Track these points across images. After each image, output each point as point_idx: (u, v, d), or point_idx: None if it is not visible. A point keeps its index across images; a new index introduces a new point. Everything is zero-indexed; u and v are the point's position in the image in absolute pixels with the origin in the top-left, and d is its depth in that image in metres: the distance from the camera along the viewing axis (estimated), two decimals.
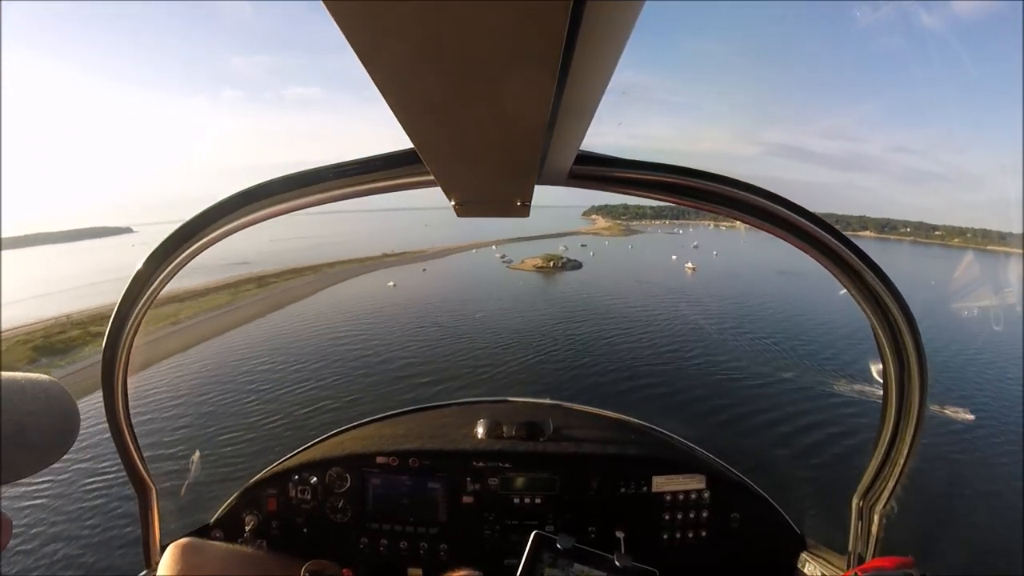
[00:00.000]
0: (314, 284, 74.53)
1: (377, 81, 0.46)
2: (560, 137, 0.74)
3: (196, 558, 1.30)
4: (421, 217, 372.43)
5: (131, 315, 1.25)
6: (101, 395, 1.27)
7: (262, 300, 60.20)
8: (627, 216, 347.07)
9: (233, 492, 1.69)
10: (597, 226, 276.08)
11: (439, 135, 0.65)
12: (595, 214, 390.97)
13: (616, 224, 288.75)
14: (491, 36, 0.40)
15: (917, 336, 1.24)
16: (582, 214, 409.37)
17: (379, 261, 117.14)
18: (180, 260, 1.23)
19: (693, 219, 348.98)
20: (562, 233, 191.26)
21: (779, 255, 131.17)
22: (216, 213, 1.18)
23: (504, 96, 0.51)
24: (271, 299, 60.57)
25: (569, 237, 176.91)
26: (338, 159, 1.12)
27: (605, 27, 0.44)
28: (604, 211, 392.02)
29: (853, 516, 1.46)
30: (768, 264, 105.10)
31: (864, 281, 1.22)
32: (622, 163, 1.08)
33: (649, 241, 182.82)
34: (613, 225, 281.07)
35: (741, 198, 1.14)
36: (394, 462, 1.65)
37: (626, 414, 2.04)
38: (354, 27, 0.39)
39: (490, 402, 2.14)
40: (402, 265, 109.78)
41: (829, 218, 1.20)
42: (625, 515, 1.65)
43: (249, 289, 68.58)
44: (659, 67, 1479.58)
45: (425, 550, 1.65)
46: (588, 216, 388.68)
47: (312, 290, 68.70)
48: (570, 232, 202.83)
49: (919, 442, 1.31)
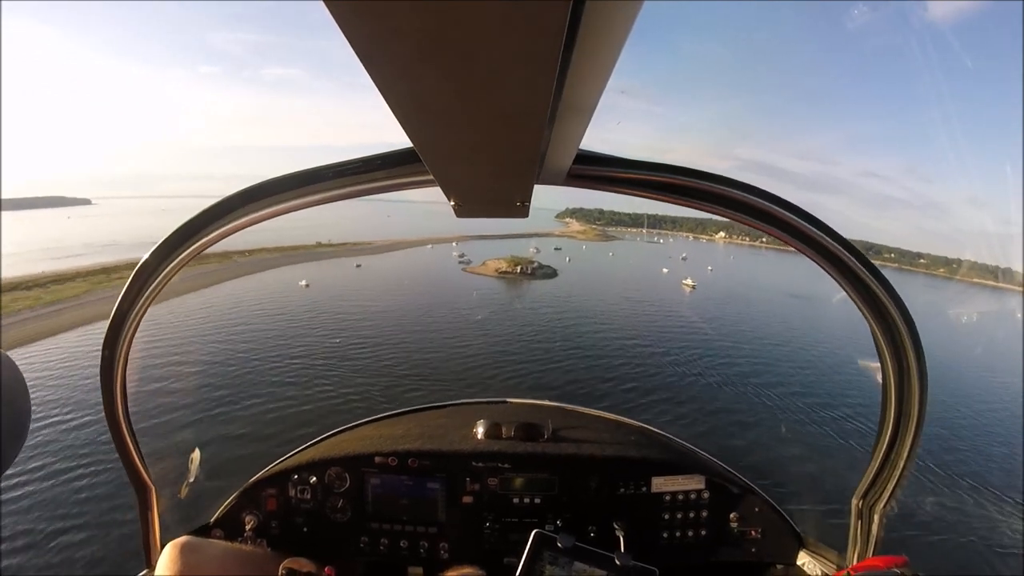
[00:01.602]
0: (212, 276, 59.14)
1: (377, 81, 0.46)
2: (559, 137, 0.74)
3: (195, 557, 1.31)
4: (385, 208, 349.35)
5: (130, 314, 1.25)
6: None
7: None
8: (603, 221, 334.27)
9: (231, 492, 1.70)
10: (571, 229, 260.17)
11: (438, 135, 0.65)
12: (569, 217, 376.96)
13: (592, 228, 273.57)
14: (491, 36, 0.40)
15: (916, 337, 1.25)
16: (556, 216, 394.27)
17: (310, 252, 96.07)
18: (180, 260, 1.22)
19: (670, 229, 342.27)
20: (533, 234, 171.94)
21: (778, 272, 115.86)
22: (217, 212, 1.18)
23: (504, 96, 0.51)
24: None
25: (541, 239, 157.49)
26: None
27: (604, 27, 0.44)
28: (579, 215, 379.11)
29: (853, 516, 1.48)
30: (775, 284, 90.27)
31: (863, 283, 1.23)
32: (621, 163, 1.08)
33: (631, 249, 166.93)
34: (588, 229, 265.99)
35: (741, 199, 1.13)
36: (393, 462, 1.66)
37: (625, 415, 2.03)
38: (354, 27, 0.38)
39: (489, 403, 2.15)
40: (337, 258, 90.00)
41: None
42: (624, 515, 1.66)
43: (122, 277, 53.89)
44: (640, 74, 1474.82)
45: (425, 549, 1.66)
46: (562, 219, 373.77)
47: (203, 284, 53.82)
48: (542, 233, 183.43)
49: (919, 443, 1.33)
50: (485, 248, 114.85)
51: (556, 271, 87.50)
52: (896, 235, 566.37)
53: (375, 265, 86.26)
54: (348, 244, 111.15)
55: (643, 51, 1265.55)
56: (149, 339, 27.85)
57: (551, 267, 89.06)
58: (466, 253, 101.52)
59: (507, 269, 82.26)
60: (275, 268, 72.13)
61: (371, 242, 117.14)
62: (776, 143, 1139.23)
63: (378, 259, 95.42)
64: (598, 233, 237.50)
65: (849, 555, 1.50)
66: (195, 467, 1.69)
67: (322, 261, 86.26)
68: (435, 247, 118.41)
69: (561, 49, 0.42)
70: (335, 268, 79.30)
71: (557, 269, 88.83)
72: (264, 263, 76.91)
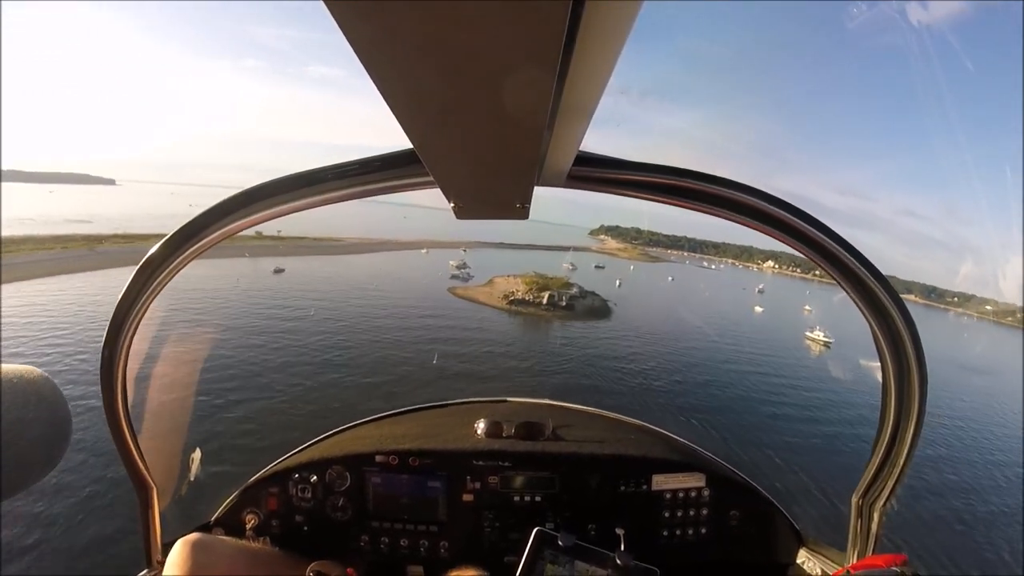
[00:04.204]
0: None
1: (377, 81, 0.46)
2: (559, 138, 0.74)
3: (205, 555, 1.30)
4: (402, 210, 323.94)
5: (132, 312, 1.26)
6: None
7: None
8: (640, 240, 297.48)
9: (231, 491, 1.75)
10: (608, 247, 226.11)
11: (438, 136, 0.65)
12: (604, 234, 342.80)
13: (632, 247, 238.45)
14: (491, 36, 0.40)
15: (916, 336, 1.27)
16: (589, 233, 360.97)
17: (251, 245, 67.86)
18: (182, 259, 1.24)
19: (712, 254, 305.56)
20: (566, 247, 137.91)
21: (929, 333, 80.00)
22: (219, 212, 1.19)
23: (504, 96, 0.51)
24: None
25: (577, 253, 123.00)
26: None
27: (604, 27, 0.44)
28: (614, 232, 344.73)
29: (853, 514, 1.49)
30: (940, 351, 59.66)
31: (862, 282, 1.24)
32: (622, 164, 1.09)
33: (688, 275, 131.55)
34: (628, 247, 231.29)
35: (742, 200, 1.14)
36: (394, 461, 1.67)
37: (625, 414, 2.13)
38: (354, 27, 0.38)
39: (489, 402, 2.15)
40: (257, 257, 60.26)
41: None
42: (625, 513, 1.67)
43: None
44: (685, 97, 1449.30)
45: (425, 548, 1.68)
46: (596, 235, 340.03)
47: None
48: (578, 248, 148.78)
49: (919, 441, 1.34)
50: (497, 258, 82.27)
51: (606, 303, 53.38)
52: (931, 275, 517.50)
53: (321, 271, 55.40)
54: (306, 239, 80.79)
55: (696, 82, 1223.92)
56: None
57: (597, 295, 54.99)
58: (469, 264, 69.18)
59: (524, 296, 48.39)
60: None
61: (341, 239, 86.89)
62: (818, 175, 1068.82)
63: (330, 262, 64.88)
64: (641, 253, 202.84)
65: (849, 553, 1.51)
66: (196, 466, 1.73)
67: (234, 259, 55.18)
68: (432, 252, 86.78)
69: (561, 49, 0.42)
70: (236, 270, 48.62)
71: (606, 298, 54.69)
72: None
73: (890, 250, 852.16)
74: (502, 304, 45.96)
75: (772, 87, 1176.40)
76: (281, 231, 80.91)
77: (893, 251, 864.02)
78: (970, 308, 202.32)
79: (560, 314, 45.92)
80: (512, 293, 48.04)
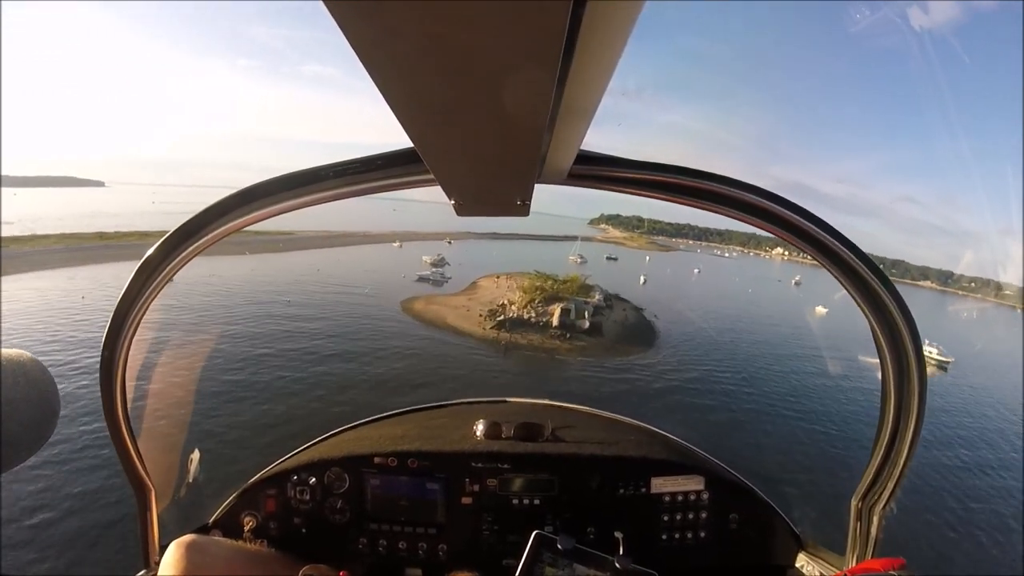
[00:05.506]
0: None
1: (377, 81, 0.46)
2: (560, 137, 0.75)
3: (200, 556, 1.30)
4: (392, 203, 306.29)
5: (131, 313, 1.26)
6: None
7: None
8: (642, 229, 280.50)
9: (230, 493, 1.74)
10: (611, 236, 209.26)
11: (439, 135, 0.65)
12: (605, 223, 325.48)
13: (639, 236, 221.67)
14: (492, 36, 0.40)
15: (916, 334, 1.26)
16: (589, 222, 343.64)
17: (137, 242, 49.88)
18: (181, 258, 1.25)
19: (718, 242, 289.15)
20: (571, 237, 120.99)
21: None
22: (217, 211, 1.20)
23: (504, 96, 0.51)
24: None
25: (584, 244, 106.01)
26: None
27: (605, 27, 0.44)
28: (615, 221, 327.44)
29: (852, 517, 1.49)
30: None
31: (862, 280, 1.23)
32: (622, 163, 1.09)
33: (710, 265, 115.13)
34: (635, 237, 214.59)
35: (742, 198, 1.15)
36: (393, 463, 1.67)
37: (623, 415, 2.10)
38: (354, 27, 0.38)
39: (488, 403, 2.16)
40: (212, 257, 44.53)
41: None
42: (624, 516, 1.67)
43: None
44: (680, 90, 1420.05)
45: (424, 550, 1.68)
46: (596, 224, 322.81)
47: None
48: (581, 238, 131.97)
49: (918, 443, 1.34)
50: (494, 253, 65.79)
51: (640, 312, 36.81)
52: (931, 262, 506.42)
53: (241, 273, 39.44)
54: (251, 233, 63.85)
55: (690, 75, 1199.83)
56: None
57: (627, 301, 38.41)
58: (449, 261, 52.65)
59: (520, 312, 31.53)
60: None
61: (292, 232, 70.10)
62: (815, 165, 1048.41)
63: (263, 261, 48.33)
64: (650, 242, 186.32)
65: (848, 557, 1.50)
66: (195, 467, 1.73)
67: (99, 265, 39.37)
68: (408, 245, 70.18)
69: (562, 50, 0.42)
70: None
71: (638, 305, 38.17)
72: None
73: (889, 237, 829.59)
74: (484, 327, 29.51)
75: (771, 83, 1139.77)
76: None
77: (892, 238, 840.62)
78: (988, 293, 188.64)
79: (583, 344, 28.83)
80: (502, 307, 31.65)
